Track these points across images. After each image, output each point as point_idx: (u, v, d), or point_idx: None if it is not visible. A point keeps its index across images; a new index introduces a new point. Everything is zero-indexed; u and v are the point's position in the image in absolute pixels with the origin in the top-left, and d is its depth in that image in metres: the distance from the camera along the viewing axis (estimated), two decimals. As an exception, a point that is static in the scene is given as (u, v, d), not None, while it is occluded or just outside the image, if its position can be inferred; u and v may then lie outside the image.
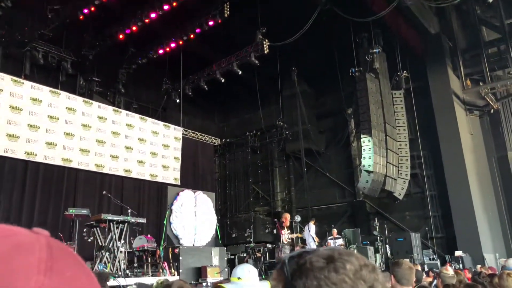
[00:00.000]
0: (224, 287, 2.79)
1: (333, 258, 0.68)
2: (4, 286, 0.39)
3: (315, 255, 0.69)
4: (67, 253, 0.47)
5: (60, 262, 0.44)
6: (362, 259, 0.70)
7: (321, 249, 0.72)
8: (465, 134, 15.50)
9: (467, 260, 12.74)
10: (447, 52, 16.31)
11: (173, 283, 2.87)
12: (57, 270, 0.43)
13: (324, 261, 0.68)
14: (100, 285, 0.49)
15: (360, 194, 16.76)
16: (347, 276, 0.66)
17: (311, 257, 0.69)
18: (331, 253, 0.69)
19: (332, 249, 0.71)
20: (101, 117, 13.08)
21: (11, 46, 12.75)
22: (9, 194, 10.75)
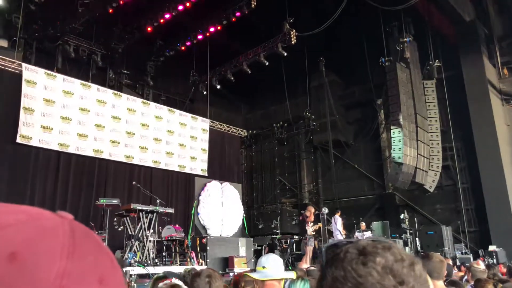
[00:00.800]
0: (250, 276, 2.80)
1: (366, 251, 0.66)
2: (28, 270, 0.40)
3: (352, 246, 0.68)
4: (90, 237, 0.47)
5: (82, 247, 0.44)
6: (399, 254, 0.67)
7: (362, 240, 0.70)
8: (501, 125, 14.92)
9: (502, 254, 12.34)
10: (482, 39, 15.69)
11: (202, 271, 2.89)
12: (79, 255, 0.43)
13: (356, 253, 0.67)
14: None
15: (390, 186, 16.45)
16: (375, 270, 0.64)
17: (347, 248, 0.68)
18: (367, 245, 0.68)
19: (372, 241, 0.69)
20: (130, 109, 13.31)
21: (44, 40, 13.11)
22: (43, 184, 11.12)
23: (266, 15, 14.09)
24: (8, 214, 0.44)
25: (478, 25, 15.64)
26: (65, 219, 0.46)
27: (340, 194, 17.21)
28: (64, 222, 0.46)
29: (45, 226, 0.44)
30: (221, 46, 15.37)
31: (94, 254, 0.45)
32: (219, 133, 16.39)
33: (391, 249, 0.67)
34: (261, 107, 20.87)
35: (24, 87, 10.85)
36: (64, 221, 0.46)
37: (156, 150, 13.75)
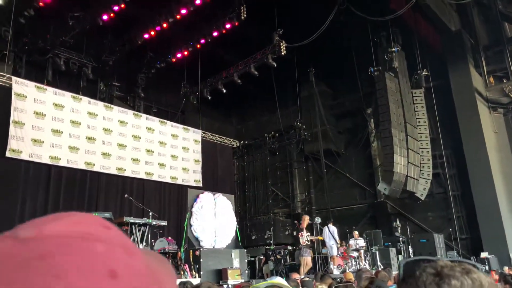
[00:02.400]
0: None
1: (443, 273, 0.65)
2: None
3: (430, 265, 0.67)
4: (135, 254, 0.43)
5: (126, 268, 0.40)
6: (479, 279, 0.64)
7: (442, 259, 0.70)
8: (489, 132, 15.14)
9: (494, 261, 12.42)
10: (468, 49, 15.98)
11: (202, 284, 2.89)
12: (122, 279, 0.40)
13: (433, 273, 0.66)
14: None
15: (381, 194, 16.54)
16: None
17: (425, 266, 0.67)
18: (445, 266, 0.66)
19: (452, 262, 0.68)
20: (121, 121, 13.27)
21: (34, 53, 13.07)
22: (34, 198, 10.99)
23: (256, 26, 14.23)
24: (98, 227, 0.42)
25: (464, 35, 15.94)
26: (108, 229, 0.43)
27: (333, 203, 17.26)
28: (109, 235, 0.42)
29: (90, 238, 0.40)
30: (212, 58, 15.45)
31: (138, 272, 0.40)
32: (211, 144, 16.39)
33: (470, 274, 0.64)
34: (252, 117, 20.94)
35: (14, 100, 10.78)
36: (109, 234, 0.42)
37: (149, 161, 13.70)
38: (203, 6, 12.40)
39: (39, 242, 0.37)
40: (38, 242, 0.37)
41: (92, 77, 14.28)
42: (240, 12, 13.10)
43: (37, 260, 0.35)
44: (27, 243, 0.37)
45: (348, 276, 7.26)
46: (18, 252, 0.36)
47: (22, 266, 0.35)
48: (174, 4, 12.62)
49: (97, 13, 12.07)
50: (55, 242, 0.37)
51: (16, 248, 0.37)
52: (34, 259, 0.36)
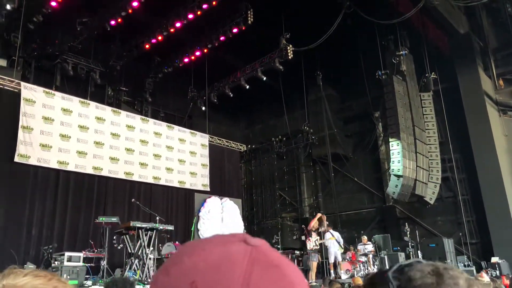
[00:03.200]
0: None
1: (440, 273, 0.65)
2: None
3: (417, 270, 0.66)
4: (272, 268, 0.47)
5: (259, 277, 0.45)
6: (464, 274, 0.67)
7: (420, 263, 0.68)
8: (499, 135, 14.96)
9: (505, 266, 12.24)
10: (477, 51, 15.84)
11: None
12: (255, 284, 0.45)
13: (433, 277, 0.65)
14: None
15: (390, 199, 16.39)
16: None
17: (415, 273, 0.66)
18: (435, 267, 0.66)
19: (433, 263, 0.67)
20: (129, 126, 13.33)
21: (42, 58, 13.19)
22: (42, 203, 11.05)
23: (263, 31, 14.23)
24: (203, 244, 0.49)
25: (472, 38, 15.81)
26: (251, 247, 0.47)
27: (341, 208, 17.14)
28: (250, 250, 0.47)
29: (229, 253, 0.47)
30: (219, 62, 15.48)
31: (271, 285, 0.46)
32: (218, 148, 16.39)
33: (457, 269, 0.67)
34: (259, 121, 20.92)
35: (22, 105, 10.87)
36: (251, 249, 0.47)
37: (156, 166, 13.73)
38: (210, 11, 12.44)
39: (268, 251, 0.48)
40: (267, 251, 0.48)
41: (100, 82, 14.37)
42: (247, 16, 13.13)
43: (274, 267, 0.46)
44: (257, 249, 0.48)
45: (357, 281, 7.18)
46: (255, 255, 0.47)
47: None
48: (181, 9, 12.68)
49: (105, 18, 12.16)
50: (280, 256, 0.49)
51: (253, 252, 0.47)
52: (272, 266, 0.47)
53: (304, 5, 13.68)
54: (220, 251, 0.47)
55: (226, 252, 0.47)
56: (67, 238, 11.17)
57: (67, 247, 10.55)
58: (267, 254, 0.48)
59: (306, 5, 13.71)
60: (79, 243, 10.97)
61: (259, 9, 13.25)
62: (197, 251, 0.48)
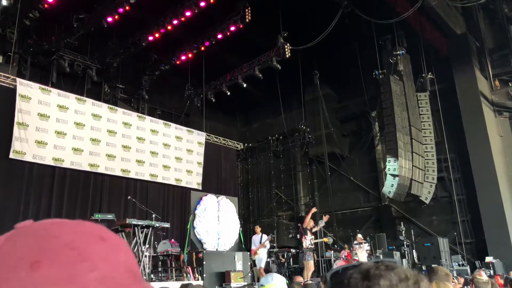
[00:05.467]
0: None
1: (369, 275, 0.66)
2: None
3: (356, 271, 0.67)
4: (18, 243, 0.47)
5: (5, 255, 0.45)
6: (403, 273, 0.66)
7: (365, 263, 0.69)
8: (495, 136, 15.04)
9: (499, 266, 12.31)
10: (473, 52, 15.90)
11: None
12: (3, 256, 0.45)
13: (360, 277, 0.66)
14: None
15: (386, 198, 16.45)
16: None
17: (351, 273, 0.67)
18: (370, 268, 0.67)
19: (375, 263, 0.68)
20: (126, 123, 13.28)
21: (38, 55, 13.12)
22: (37, 200, 11.01)
23: (260, 29, 14.21)
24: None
25: (469, 38, 15.87)
26: (15, 229, 0.49)
27: (336, 207, 17.18)
28: (9, 233, 0.49)
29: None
30: (216, 60, 15.45)
31: (21, 249, 0.46)
32: (215, 146, 16.37)
33: (395, 269, 0.66)
34: (256, 120, 20.92)
35: (18, 102, 10.81)
36: (12, 232, 0.49)
37: (153, 163, 13.70)
38: (207, 8, 12.41)
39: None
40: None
41: (96, 79, 14.32)
42: (245, 14, 13.11)
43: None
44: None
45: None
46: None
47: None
48: (179, 6, 12.64)
49: (102, 15, 12.11)
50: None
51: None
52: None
53: (302, 4, 13.68)
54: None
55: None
56: (63, 235, 11.11)
57: (62, 244, 10.50)
58: (33, 226, 0.49)
59: (304, 4, 13.71)
60: (75, 241, 10.92)
61: (257, 7, 13.23)
62: None
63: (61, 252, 0.45)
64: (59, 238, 0.47)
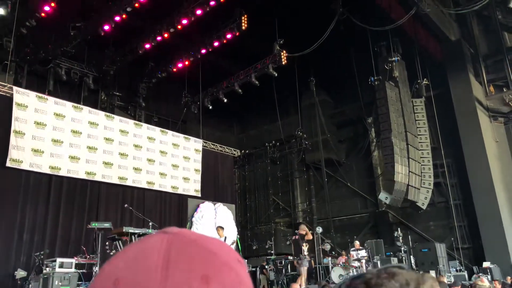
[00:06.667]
0: None
1: (371, 284, 0.66)
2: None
3: (360, 281, 0.68)
4: (188, 244, 0.50)
5: (178, 257, 0.47)
6: (404, 279, 0.66)
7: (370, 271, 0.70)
8: (490, 141, 15.12)
9: (496, 271, 12.32)
10: (468, 58, 16.02)
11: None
12: (174, 266, 0.46)
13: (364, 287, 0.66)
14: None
15: (383, 204, 16.48)
16: None
17: (356, 284, 0.68)
18: (372, 277, 0.67)
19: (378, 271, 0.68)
20: (122, 131, 13.29)
21: (35, 63, 13.13)
22: (34, 208, 10.96)
23: (256, 36, 14.30)
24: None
25: (463, 44, 16.00)
26: (170, 234, 0.50)
27: (334, 213, 17.19)
28: (167, 236, 0.50)
29: (146, 245, 0.50)
30: (213, 67, 15.51)
31: (190, 261, 0.47)
32: (212, 153, 16.38)
33: (396, 276, 0.66)
34: (253, 126, 20.95)
35: (15, 110, 10.81)
36: (168, 236, 0.50)
37: (150, 171, 13.69)
38: (204, 16, 12.48)
39: None
40: None
41: (93, 87, 14.33)
42: (241, 22, 13.19)
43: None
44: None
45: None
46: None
47: None
48: (175, 14, 12.71)
49: (99, 23, 12.15)
50: None
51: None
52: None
53: (298, 11, 13.79)
54: (137, 246, 0.50)
55: (143, 245, 0.50)
56: (59, 244, 11.08)
57: (59, 253, 10.47)
58: (185, 234, 0.51)
59: (299, 11, 13.82)
60: (71, 249, 10.90)
61: (253, 15, 13.32)
62: (116, 256, 0.51)
63: (224, 271, 0.49)
64: (219, 255, 0.50)
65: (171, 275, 0.45)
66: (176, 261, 0.47)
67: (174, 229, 0.52)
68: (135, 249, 0.50)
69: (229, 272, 0.49)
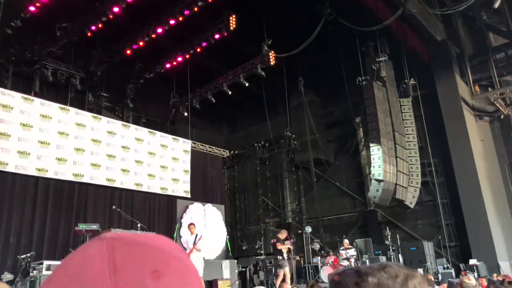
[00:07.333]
0: None
1: (361, 272, 0.68)
2: None
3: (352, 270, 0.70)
4: (131, 245, 0.49)
5: (124, 261, 0.47)
6: (394, 271, 0.68)
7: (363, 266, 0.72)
8: (476, 140, 15.33)
9: (482, 268, 12.51)
10: (454, 58, 16.23)
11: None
12: (122, 269, 0.46)
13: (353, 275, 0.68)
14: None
15: (371, 203, 16.60)
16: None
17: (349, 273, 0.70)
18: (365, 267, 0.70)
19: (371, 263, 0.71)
20: (110, 132, 13.18)
21: (21, 64, 12.96)
22: (20, 210, 10.83)
23: (245, 37, 14.31)
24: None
25: (449, 44, 16.20)
26: (108, 239, 0.49)
27: (323, 213, 17.26)
28: (106, 242, 0.49)
29: (85, 255, 0.48)
30: (201, 68, 15.48)
31: (137, 260, 0.47)
32: (201, 154, 16.34)
33: (386, 268, 0.69)
34: (242, 127, 20.96)
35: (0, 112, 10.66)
36: (107, 241, 0.49)
37: (138, 172, 13.60)
38: (192, 17, 12.45)
39: None
40: None
41: (80, 88, 14.19)
42: (229, 22, 13.19)
43: None
44: None
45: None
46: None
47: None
48: (163, 15, 12.66)
49: (85, 23, 12.05)
50: None
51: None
52: None
53: (286, 12, 13.83)
54: (76, 259, 0.49)
55: (81, 256, 0.49)
56: (47, 246, 10.96)
57: (47, 255, 10.34)
58: (123, 236, 0.51)
59: (287, 12, 13.86)
60: (59, 252, 10.77)
61: (241, 15, 13.33)
62: (55, 273, 0.49)
63: (172, 262, 0.49)
64: (163, 249, 0.51)
65: (121, 278, 0.45)
66: (122, 263, 0.46)
67: (109, 234, 0.51)
68: (74, 262, 0.49)
69: (177, 263, 0.50)
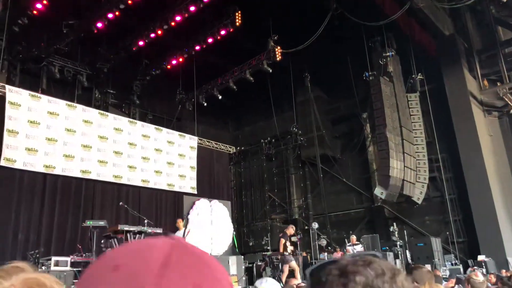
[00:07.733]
0: None
1: (346, 271, 0.66)
2: (128, 276, 0.48)
3: (334, 267, 0.68)
4: (189, 254, 0.53)
5: (178, 259, 0.51)
6: (380, 268, 0.66)
7: (345, 258, 0.70)
8: (484, 135, 15.18)
9: (491, 264, 12.40)
10: (462, 53, 16.06)
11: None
12: (174, 265, 0.50)
13: (338, 274, 0.66)
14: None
15: (378, 199, 16.52)
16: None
17: (330, 269, 0.68)
18: (347, 264, 0.67)
19: (353, 258, 0.68)
20: (117, 129, 13.23)
21: (28, 61, 13.04)
22: (28, 207, 10.92)
23: (251, 33, 14.26)
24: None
25: (457, 39, 16.03)
26: (174, 239, 0.54)
27: (330, 209, 17.21)
28: (171, 240, 0.54)
29: (151, 242, 0.54)
30: (207, 64, 15.46)
31: (189, 266, 0.51)
32: (207, 151, 16.35)
33: (371, 264, 0.67)
34: (248, 123, 20.93)
35: (7, 109, 10.74)
36: (172, 240, 0.54)
37: (145, 169, 13.65)
38: (198, 13, 12.43)
39: None
40: None
41: (87, 84, 14.25)
42: (235, 18, 13.15)
43: None
44: None
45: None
46: None
47: None
48: (169, 11, 12.65)
49: (92, 21, 12.07)
50: None
51: None
52: None
53: (292, 7, 13.75)
54: (142, 242, 0.54)
55: (148, 241, 0.54)
56: (55, 242, 11.05)
57: (55, 251, 10.44)
58: (187, 245, 0.54)
59: (293, 7, 13.78)
60: (67, 248, 10.86)
61: (247, 11, 13.28)
62: (120, 246, 0.55)
63: (215, 285, 0.52)
64: (213, 270, 0.53)
65: (167, 275, 0.48)
66: (174, 264, 0.50)
67: (178, 237, 0.56)
68: (140, 244, 0.54)
69: (223, 283, 0.52)
